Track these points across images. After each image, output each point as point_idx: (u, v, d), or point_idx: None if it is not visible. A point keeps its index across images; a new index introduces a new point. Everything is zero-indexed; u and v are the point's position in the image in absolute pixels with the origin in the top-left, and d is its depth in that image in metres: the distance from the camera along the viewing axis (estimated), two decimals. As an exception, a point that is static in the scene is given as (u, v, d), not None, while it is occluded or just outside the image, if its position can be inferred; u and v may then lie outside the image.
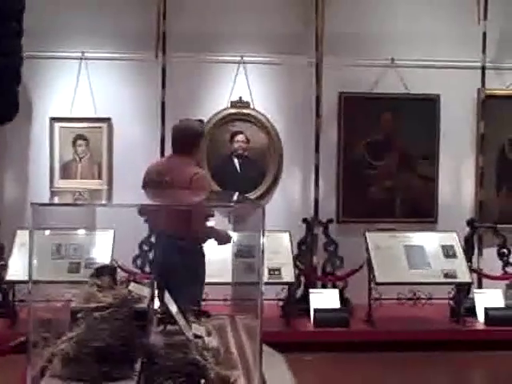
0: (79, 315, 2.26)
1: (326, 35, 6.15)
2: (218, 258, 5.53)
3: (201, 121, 4.86)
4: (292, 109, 6.39)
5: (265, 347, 2.95)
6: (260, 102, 6.38)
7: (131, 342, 2.20)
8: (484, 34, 6.16)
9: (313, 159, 6.18)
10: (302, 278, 5.97)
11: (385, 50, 6.43)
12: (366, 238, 5.77)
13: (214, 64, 6.37)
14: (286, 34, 6.33)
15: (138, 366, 2.18)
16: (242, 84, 6.37)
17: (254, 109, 6.36)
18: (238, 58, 6.32)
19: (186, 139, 4.21)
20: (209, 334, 2.74)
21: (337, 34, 6.20)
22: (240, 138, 6.37)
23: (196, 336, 2.51)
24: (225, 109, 6.33)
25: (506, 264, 6.03)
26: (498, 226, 6.17)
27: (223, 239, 4.09)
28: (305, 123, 6.26)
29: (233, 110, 6.34)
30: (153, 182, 4.13)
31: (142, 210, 3.89)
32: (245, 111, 6.35)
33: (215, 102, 6.33)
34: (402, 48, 6.41)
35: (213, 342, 2.61)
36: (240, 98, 6.35)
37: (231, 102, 6.34)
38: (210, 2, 6.26)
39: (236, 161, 6.36)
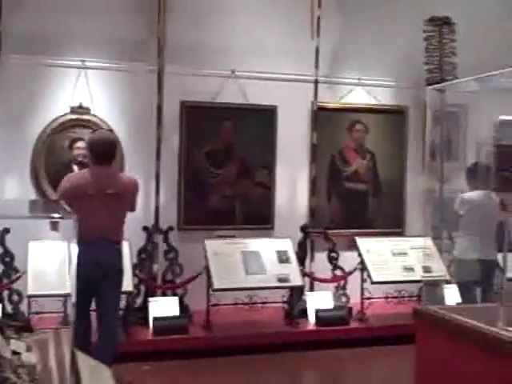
0: None
1: (169, 44, 6.20)
2: (53, 269, 5.43)
3: (111, 130, 5.55)
4: (134, 116, 6.35)
5: (90, 360, 2.93)
6: (101, 108, 6.28)
7: None
8: (317, 50, 6.50)
9: (154, 167, 6.19)
10: (142, 287, 5.96)
11: (226, 61, 6.58)
12: (204, 245, 5.87)
13: (53, 68, 6.18)
14: (128, 40, 6.29)
15: None
16: (83, 89, 6.24)
17: (94, 115, 6.24)
18: (79, 63, 6.19)
19: (112, 150, 4.61)
20: (29, 349, 2.68)
21: (179, 43, 6.27)
22: (80, 144, 6.20)
23: (14, 352, 2.45)
24: (64, 114, 6.16)
25: (335, 267, 6.41)
26: (328, 231, 6.55)
27: None
28: (146, 131, 6.24)
29: (73, 116, 6.19)
30: (85, 193, 4.43)
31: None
32: (85, 117, 6.21)
33: (54, 107, 6.15)
34: (242, 60, 6.60)
35: (31, 358, 2.55)
36: (80, 103, 6.21)
37: (71, 108, 6.18)
38: (50, 3, 6.07)
39: (76, 168, 6.21)
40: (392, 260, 6.27)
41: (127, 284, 5.47)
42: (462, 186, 5.61)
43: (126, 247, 5.66)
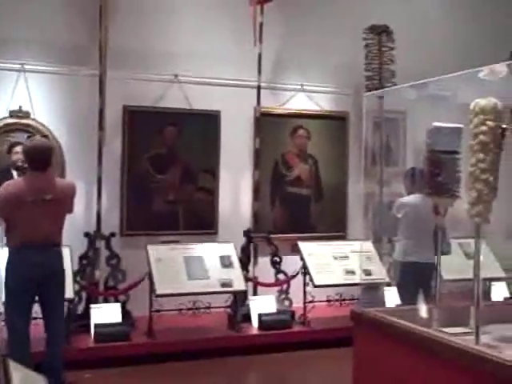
0: None
1: (111, 48, 6.13)
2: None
3: (46, 136, 5.66)
4: (75, 120, 6.29)
5: (24, 369, 2.87)
6: (42, 112, 6.20)
7: None
8: (259, 56, 6.54)
9: (96, 172, 6.12)
10: (84, 294, 5.88)
11: (169, 65, 6.59)
12: (147, 250, 5.83)
13: (-8, 70, 6.07)
14: (69, 43, 6.24)
15: None
16: (23, 93, 6.14)
17: (34, 119, 6.15)
18: (19, 66, 6.09)
19: (48, 156, 4.57)
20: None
21: (122, 48, 6.23)
22: (19, 149, 6.07)
23: None
24: (3, 118, 6.05)
25: (278, 271, 6.46)
26: (271, 236, 6.60)
27: None
28: (88, 135, 6.17)
29: (11, 120, 6.08)
30: (23, 201, 4.42)
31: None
32: (25, 121, 6.11)
33: (-8, 110, 6.04)
34: (185, 65, 6.62)
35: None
36: (20, 107, 6.10)
37: (10, 112, 6.07)
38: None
39: (15, 173, 6.08)
40: (334, 264, 6.34)
41: (68, 291, 5.38)
42: (402, 191, 5.74)
43: (66, 253, 5.57)
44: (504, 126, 3.19)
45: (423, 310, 3.61)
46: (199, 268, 5.91)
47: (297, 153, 7.17)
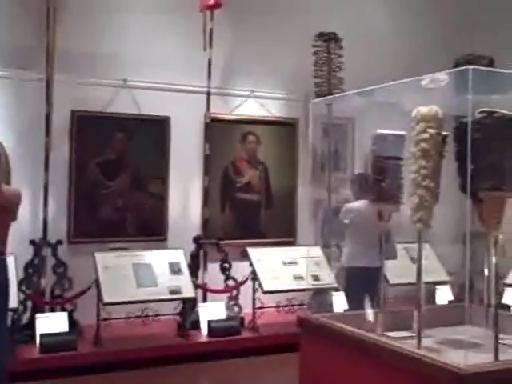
0: None
1: (59, 52, 6.04)
2: None
3: None
4: (21, 125, 6.17)
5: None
6: (-14, 116, 6.06)
7: None
8: (209, 61, 6.53)
9: (42, 178, 6.00)
10: (29, 303, 5.75)
11: (118, 70, 6.53)
12: (94, 258, 5.74)
13: None
14: (15, 47, 6.11)
15: None
16: (-33, 98, 6.00)
17: (-21, 124, 6.01)
18: (-40, 69, 5.95)
19: None
20: None
21: (70, 51, 6.13)
22: (-37, 155, 5.94)
23: None
24: None
25: (227, 278, 6.44)
26: (221, 242, 6.58)
27: None
28: (34, 141, 6.06)
29: (-47, 125, 5.94)
30: None
31: None
32: (-33, 127, 5.97)
33: None
34: (134, 70, 6.57)
35: None
36: (-38, 112, 5.96)
37: (-49, 117, 5.93)
38: None
39: (-42, 179, 5.92)
40: (283, 269, 6.36)
41: (12, 300, 5.23)
42: (349, 196, 5.80)
43: (11, 261, 5.43)
44: (445, 133, 3.26)
45: (369, 314, 3.63)
46: (148, 275, 5.85)
47: (247, 159, 7.19)
